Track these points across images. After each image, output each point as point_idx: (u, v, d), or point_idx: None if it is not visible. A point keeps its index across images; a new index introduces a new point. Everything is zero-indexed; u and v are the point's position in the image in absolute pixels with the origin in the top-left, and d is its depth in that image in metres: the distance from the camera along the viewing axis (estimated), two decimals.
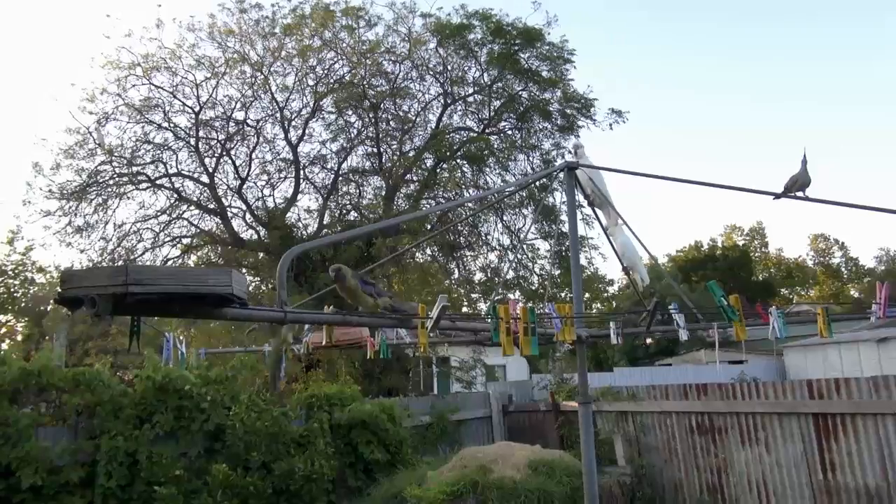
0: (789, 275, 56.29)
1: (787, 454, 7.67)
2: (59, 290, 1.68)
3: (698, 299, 4.97)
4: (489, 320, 2.92)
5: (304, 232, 16.67)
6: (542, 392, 13.19)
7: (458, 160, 16.73)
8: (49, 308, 31.70)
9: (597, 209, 5.34)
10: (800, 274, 56.89)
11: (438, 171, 16.79)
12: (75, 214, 15.85)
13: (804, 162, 3.82)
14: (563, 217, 15.83)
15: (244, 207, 16.85)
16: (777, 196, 3.88)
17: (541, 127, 17.27)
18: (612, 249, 5.32)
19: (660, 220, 72.86)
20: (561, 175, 5.31)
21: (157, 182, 16.36)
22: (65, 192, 15.65)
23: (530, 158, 17.16)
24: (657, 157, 74.83)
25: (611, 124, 16.75)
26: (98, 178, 15.87)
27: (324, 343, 3.69)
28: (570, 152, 16.56)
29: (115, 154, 15.93)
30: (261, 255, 17.23)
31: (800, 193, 3.81)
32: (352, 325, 3.64)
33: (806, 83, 79.16)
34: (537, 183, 14.31)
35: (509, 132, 17.63)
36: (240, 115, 16.62)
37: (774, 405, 7.81)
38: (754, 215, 73.98)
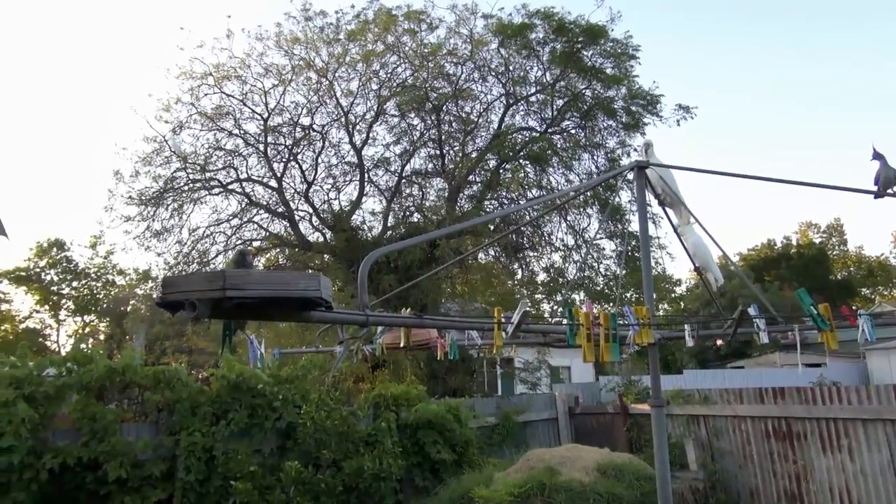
0: (870, 273, 53.60)
1: (872, 462, 7.31)
2: (161, 294, 1.77)
3: (771, 299, 4.81)
4: (563, 323, 2.89)
5: (368, 234, 16.94)
6: (609, 394, 13.00)
7: (521, 160, 16.66)
8: (129, 309, 33.27)
9: (667, 208, 5.23)
10: (882, 273, 54.08)
11: (501, 171, 16.76)
12: (153, 219, 16.57)
13: (881, 157, 3.61)
14: (629, 216, 15.61)
15: (311, 211, 17.26)
16: (877, 195, 3.69)
17: (605, 125, 17.04)
18: (682, 249, 5.20)
19: (729, 219, 70.64)
20: (629, 174, 5.21)
21: (229, 187, 16.92)
22: (143, 198, 16.37)
23: (594, 157, 16.97)
24: (715, 153, 72.49)
25: (678, 120, 16.41)
26: (174, 184, 16.54)
27: (402, 345, 3.73)
28: (635, 150, 16.33)
29: (190, 161, 16.56)
30: (326, 257, 17.59)
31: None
32: (428, 327, 3.68)
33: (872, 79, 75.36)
34: (602, 182, 14.09)
35: (573, 131, 17.46)
36: (306, 121, 17.07)
37: (858, 411, 7.45)
38: (831, 212, 70.91)
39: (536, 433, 11.28)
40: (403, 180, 17.35)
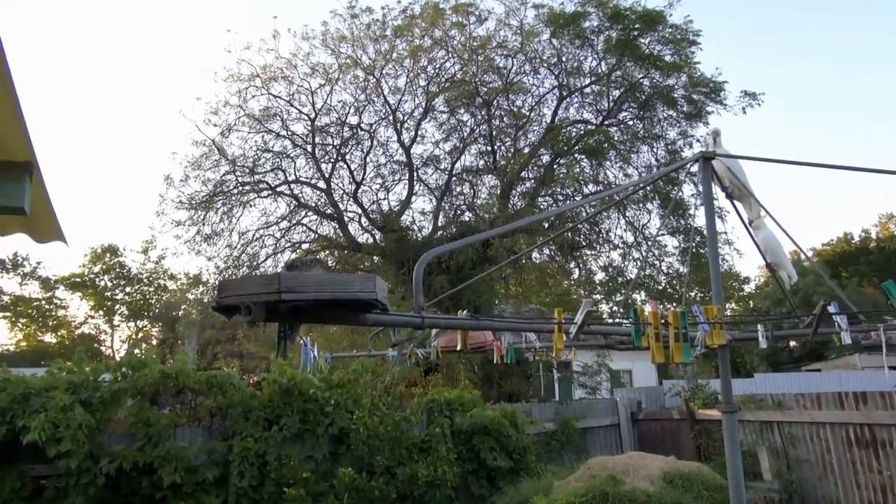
0: None
1: None
2: (217, 298, 1.80)
3: (850, 297, 4.62)
4: (625, 324, 2.84)
5: (418, 234, 17.02)
6: (674, 399, 12.76)
7: (576, 155, 16.47)
8: (181, 313, 34.30)
9: (735, 202, 5.09)
10: None
11: (555, 167, 16.61)
12: (203, 223, 17.01)
13: None
14: (693, 211, 15.26)
15: (360, 211, 17.44)
16: None
17: (665, 115, 16.69)
18: (752, 245, 5.05)
19: (800, 212, 68.35)
20: (695, 166, 5.09)
21: (278, 189, 17.25)
22: (193, 202, 16.83)
23: (654, 150, 16.65)
24: (782, 142, 70.15)
25: (744, 108, 15.92)
26: (223, 187, 16.95)
27: (458, 348, 3.72)
28: (697, 141, 15.95)
29: (238, 164, 16.95)
30: (376, 258, 17.75)
31: None
32: (485, 329, 3.66)
33: None
34: (664, 175, 13.82)
35: (630, 122, 17.17)
36: (354, 120, 17.25)
37: None
38: None
39: (597, 440, 11.15)
40: (454, 178, 17.37)
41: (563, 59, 16.61)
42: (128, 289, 39.30)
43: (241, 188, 17.15)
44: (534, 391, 17.36)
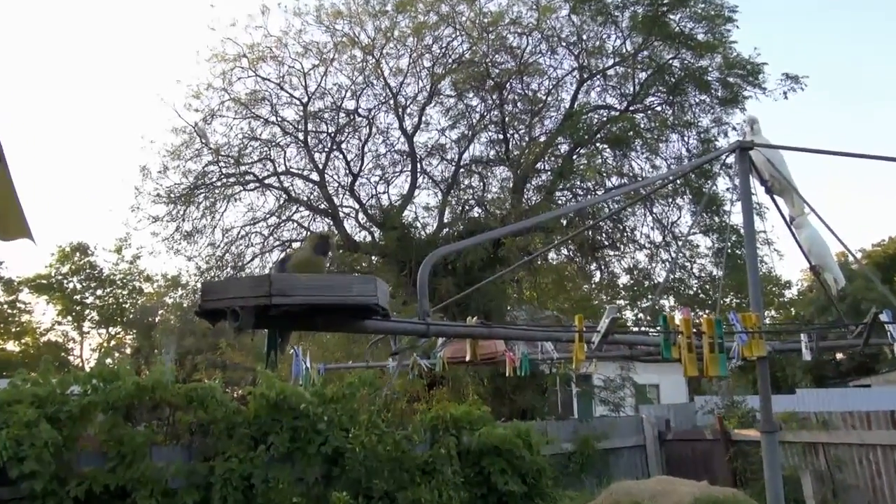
0: None
1: None
2: (200, 302, 1.81)
3: None
4: (653, 333, 2.84)
5: (422, 232, 17.05)
6: (706, 417, 12.75)
7: (598, 144, 16.47)
8: (157, 319, 34.42)
9: (776, 197, 5.09)
10: None
11: (574, 157, 16.61)
12: (183, 219, 17.10)
13: None
14: (728, 207, 15.23)
15: (357, 206, 17.51)
16: None
17: (697, 100, 16.68)
18: (794, 245, 5.04)
19: (848, 209, 68.05)
20: (731, 157, 5.08)
21: (266, 182, 17.31)
22: (172, 195, 16.90)
23: (685, 138, 16.65)
24: (829, 132, 69.76)
25: (785, 92, 15.87)
26: (205, 179, 17.03)
27: (467, 359, 3.73)
28: (733, 129, 15.92)
29: (222, 153, 17.01)
30: (375, 258, 17.79)
31: None
32: (497, 338, 3.66)
33: None
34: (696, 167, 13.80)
35: (659, 108, 17.16)
36: (350, 105, 17.30)
37: None
38: None
39: (620, 462, 11.16)
40: (461, 170, 17.39)
41: (584, 37, 16.60)
42: (99, 292, 39.41)
43: (225, 180, 17.21)
44: (550, 408, 17.34)
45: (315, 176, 17.21)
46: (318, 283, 1.77)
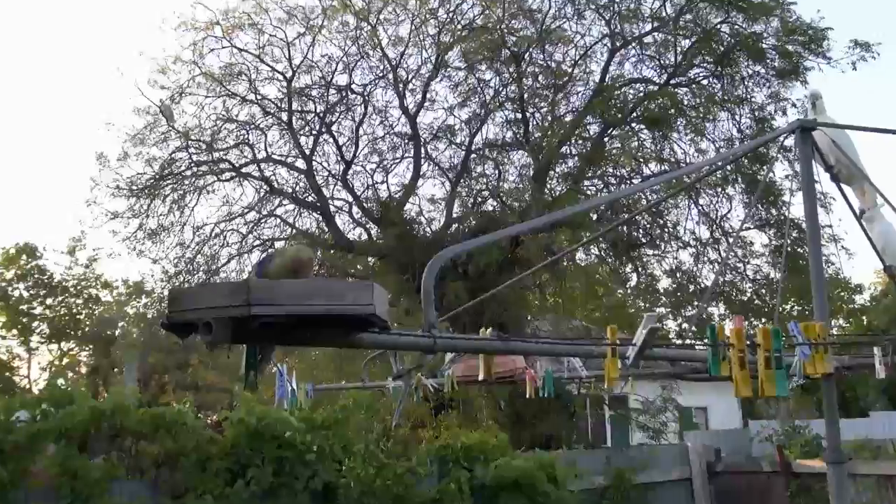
0: None
1: None
2: (167, 313, 1.81)
3: None
4: (699, 346, 2.84)
5: (427, 229, 17.08)
6: (762, 445, 12.73)
7: (634, 124, 16.45)
8: (117, 333, 34.55)
9: (844, 186, 5.10)
10: None
11: (606, 140, 16.59)
12: (147, 215, 17.13)
13: None
14: (788, 198, 15.21)
15: (350, 199, 17.50)
16: None
17: (750, 72, 16.62)
18: (866, 242, 5.04)
19: None
20: (790, 139, 5.08)
21: (243, 170, 17.34)
22: (134, 187, 16.93)
23: (736, 117, 16.58)
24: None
25: (853, 63, 15.79)
26: (173, 168, 17.06)
27: (481, 377, 3.73)
28: (793, 105, 15.88)
29: (192, 137, 17.05)
30: (371, 260, 17.81)
31: None
32: (515, 353, 3.67)
33: None
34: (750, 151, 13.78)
35: (705, 82, 17.10)
36: (342, 80, 17.33)
37: None
38: None
39: (663, 499, 11.19)
40: (473, 155, 17.39)
41: None
42: (49, 300, 39.46)
43: (195, 169, 17.26)
44: (578, 435, 17.35)
45: (301, 163, 17.23)
46: (306, 290, 1.77)
